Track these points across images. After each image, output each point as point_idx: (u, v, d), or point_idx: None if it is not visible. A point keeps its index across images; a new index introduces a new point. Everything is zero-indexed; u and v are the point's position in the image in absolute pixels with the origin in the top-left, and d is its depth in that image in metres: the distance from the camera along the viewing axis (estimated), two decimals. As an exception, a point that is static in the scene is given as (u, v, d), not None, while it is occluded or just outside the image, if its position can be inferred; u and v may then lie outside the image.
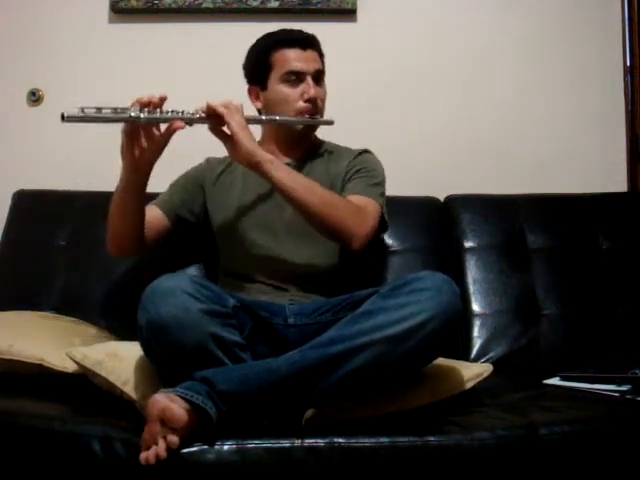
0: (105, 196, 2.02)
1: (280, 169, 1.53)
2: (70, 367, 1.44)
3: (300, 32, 1.71)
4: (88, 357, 1.37)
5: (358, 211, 1.58)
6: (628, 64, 2.25)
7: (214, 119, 1.53)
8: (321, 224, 1.55)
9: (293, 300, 1.58)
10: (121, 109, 1.44)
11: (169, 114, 1.48)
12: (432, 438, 1.24)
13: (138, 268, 1.88)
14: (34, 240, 1.98)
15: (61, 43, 2.24)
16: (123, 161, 1.52)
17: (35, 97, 2.23)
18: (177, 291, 1.28)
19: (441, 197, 2.07)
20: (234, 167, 1.74)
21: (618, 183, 2.21)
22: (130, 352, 1.39)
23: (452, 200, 2.05)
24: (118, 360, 1.37)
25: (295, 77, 1.66)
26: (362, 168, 1.70)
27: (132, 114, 1.44)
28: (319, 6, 2.20)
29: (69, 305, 1.87)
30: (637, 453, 1.27)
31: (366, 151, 1.77)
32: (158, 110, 1.47)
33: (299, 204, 1.53)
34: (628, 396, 1.41)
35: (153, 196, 1.76)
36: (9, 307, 1.75)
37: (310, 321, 1.51)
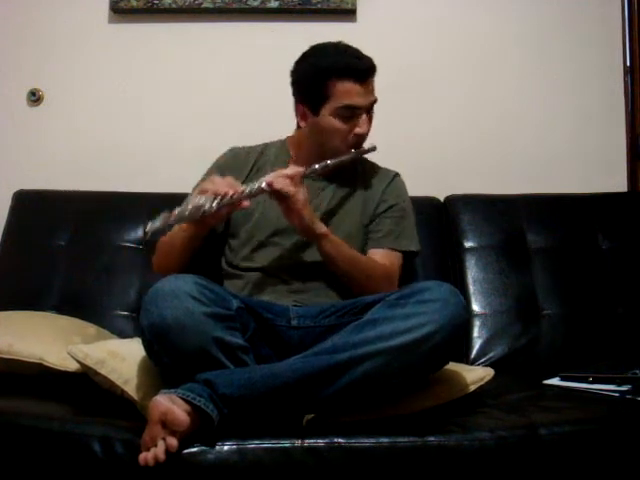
0: (105, 196, 2.04)
1: (332, 245, 1.56)
2: (70, 366, 1.44)
3: (361, 58, 1.61)
4: (90, 356, 1.36)
5: (388, 276, 1.63)
6: (628, 64, 2.25)
7: (280, 194, 1.52)
8: (358, 290, 1.59)
9: (297, 301, 1.58)
10: (196, 207, 1.45)
11: (237, 195, 1.48)
12: (432, 438, 1.24)
13: (138, 268, 1.89)
14: (34, 240, 1.98)
15: (61, 43, 2.24)
16: (189, 231, 1.56)
17: (35, 97, 2.23)
18: (180, 293, 1.27)
19: (441, 197, 2.07)
20: (261, 164, 1.72)
21: (618, 183, 2.21)
22: (132, 351, 1.39)
23: (452, 200, 2.05)
24: (120, 359, 1.37)
25: (350, 112, 1.60)
26: (394, 205, 1.72)
27: (206, 209, 1.45)
28: (319, 6, 2.19)
29: (69, 305, 1.87)
30: (637, 453, 1.27)
31: (397, 175, 1.78)
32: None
33: (342, 274, 1.60)
34: (628, 396, 1.41)
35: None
36: (9, 307, 1.75)
37: (314, 324, 1.51)
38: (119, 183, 2.01)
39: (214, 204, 1.45)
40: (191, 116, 2.21)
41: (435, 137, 2.23)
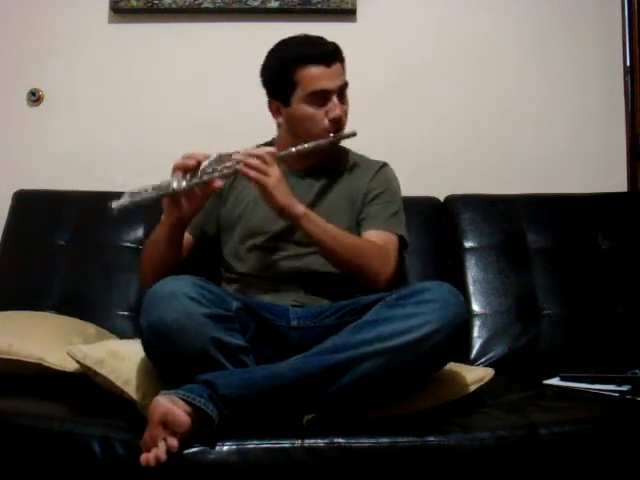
0: (105, 196, 2.02)
1: (313, 223, 1.54)
2: (70, 366, 1.44)
3: (323, 44, 1.64)
4: (89, 356, 1.36)
5: (380, 253, 1.60)
6: (628, 64, 2.25)
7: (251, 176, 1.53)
8: (347, 271, 1.59)
9: (297, 301, 1.58)
10: (164, 184, 1.47)
11: (207, 175, 1.49)
12: (432, 438, 1.24)
13: (138, 268, 1.89)
14: (34, 240, 1.98)
15: (61, 43, 2.24)
16: (166, 219, 1.54)
17: (35, 97, 2.23)
18: (179, 295, 1.27)
19: (441, 197, 2.07)
20: None
21: (618, 183, 2.21)
22: (132, 351, 1.38)
23: (452, 200, 2.05)
24: (119, 359, 1.37)
25: (321, 96, 1.61)
26: (383, 192, 1.71)
27: (174, 186, 1.46)
28: (319, 6, 2.19)
29: (69, 305, 1.87)
30: (637, 453, 1.27)
31: (385, 165, 1.78)
32: (198, 172, 1.48)
33: (327, 254, 1.57)
34: (628, 396, 1.41)
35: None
36: (9, 307, 1.75)
37: (313, 324, 1.51)
38: (119, 183, 2.00)
39: (183, 182, 1.46)
40: (191, 116, 2.21)
41: (435, 137, 2.23)
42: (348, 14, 2.22)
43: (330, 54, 1.62)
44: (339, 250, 1.56)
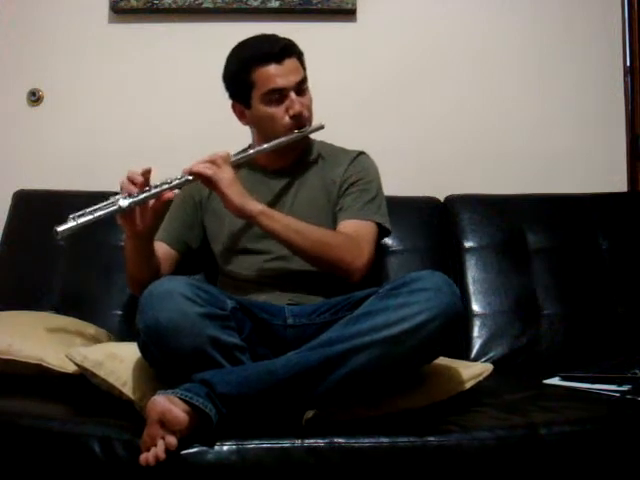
0: (105, 196, 2.03)
1: (272, 219, 1.54)
2: (69, 367, 1.44)
3: (275, 41, 1.63)
4: (88, 358, 1.37)
5: (352, 244, 1.58)
6: (628, 64, 2.25)
7: (202, 176, 1.53)
8: (318, 264, 1.58)
9: (292, 300, 1.58)
10: (110, 203, 1.45)
11: (157, 188, 1.48)
12: (432, 438, 1.24)
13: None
14: (34, 240, 1.97)
15: (61, 43, 2.24)
16: (125, 233, 1.53)
17: (35, 97, 2.23)
18: (175, 294, 1.27)
19: (441, 197, 2.07)
20: None
21: (618, 183, 2.21)
22: (129, 353, 1.39)
23: (452, 200, 2.05)
24: (118, 361, 1.37)
25: (278, 94, 1.61)
26: (358, 180, 1.69)
27: (121, 204, 1.44)
28: (319, 6, 2.19)
29: (69, 305, 1.87)
30: (637, 453, 1.27)
31: (361, 153, 1.76)
32: (146, 187, 1.47)
33: (294, 249, 1.56)
34: (628, 396, 1.41)
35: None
36: (9, 307, 1.75)
37: (309, 321, 1.50)
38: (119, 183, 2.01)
39: (129, 200, 1.45)
40: (192, 116, 2.21)
41: (435, 137, 2.23)
42: (348, 14, 2.22)
43: (281, 51, 1.62)
44: (304, 244, 1.55)
